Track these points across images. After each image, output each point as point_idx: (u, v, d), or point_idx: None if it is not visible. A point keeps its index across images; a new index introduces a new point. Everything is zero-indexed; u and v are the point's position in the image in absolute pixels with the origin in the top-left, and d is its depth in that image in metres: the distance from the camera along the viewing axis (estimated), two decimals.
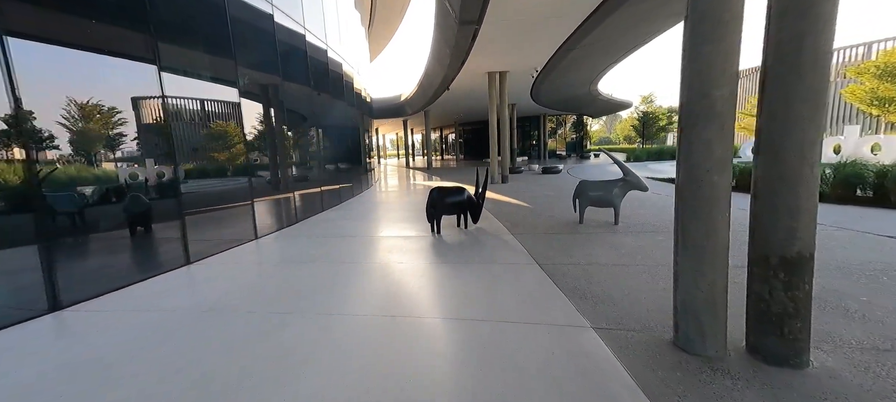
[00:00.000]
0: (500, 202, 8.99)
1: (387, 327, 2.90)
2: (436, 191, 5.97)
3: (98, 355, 2.67)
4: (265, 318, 3.16)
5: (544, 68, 13.21)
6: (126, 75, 4.32)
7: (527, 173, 17.83)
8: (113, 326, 3.15)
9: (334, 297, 3.58)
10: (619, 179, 6.02)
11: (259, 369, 2.39)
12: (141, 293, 3.86)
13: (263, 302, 3.53)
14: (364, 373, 2.31)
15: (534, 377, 2.21)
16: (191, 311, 3.38)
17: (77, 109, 3.94)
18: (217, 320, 3.17)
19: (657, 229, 5.59)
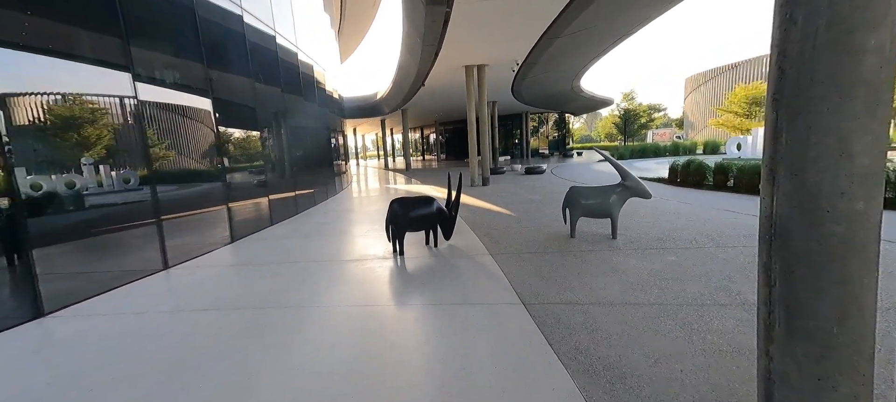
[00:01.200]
0: (480, 210, 7.93)
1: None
2: (397, 203, 4.84)
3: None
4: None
5: (525, 61, 12.24)
6: None
7: (509, 174, 16.89)
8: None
9: (228, 375, 2.41)
10: (617, 184, 5.03)
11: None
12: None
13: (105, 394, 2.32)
14: None
15: None
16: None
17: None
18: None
19: (665, 246, 4.62)
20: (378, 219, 7.43)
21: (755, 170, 8.13)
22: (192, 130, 5.52)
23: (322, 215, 8.35)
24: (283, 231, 6.76)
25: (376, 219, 7.42)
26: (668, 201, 7.52)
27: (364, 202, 10.59)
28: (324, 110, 12.94)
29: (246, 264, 4.88)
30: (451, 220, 5.24)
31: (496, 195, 10.00)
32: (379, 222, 7.12)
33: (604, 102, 31.70)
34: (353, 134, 41.90)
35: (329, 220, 7.78)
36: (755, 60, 39.34)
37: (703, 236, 4.90)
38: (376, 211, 8.53)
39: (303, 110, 10.50)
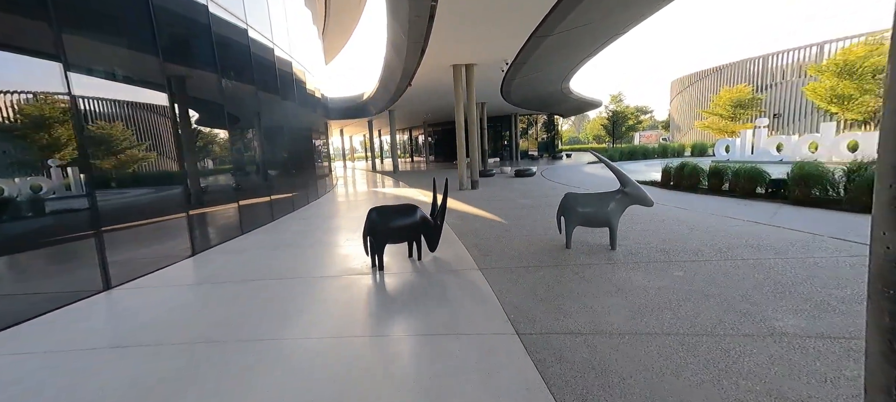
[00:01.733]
0: (468, 216, 7.48)
1: None
2: (376, 212, 4.35)
3: None
4: None
5: (515, 61, 11.87)
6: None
7: (499, 177, 16.51)
8: None
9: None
10: (616, 190, 4.64)
11: None
12: None
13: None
14: None
15: None
16: None
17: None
18: None
19: (669, 258, 4.23)
20: (360, 227, 6.91)
21: (751, 173, 7.88)
22: (146, 128, 4.93)
23: (300, 222, 7.79)
24: (253, 242, 6.18)
25: (358, 227, 6.90)
26: (664, 207, 7.19)
27: (347, 207, 10.05)
28: (304, 110, 12.35)
29: (203, 282, 4.32)
30: (436, 230, 4.78)
31: (485, 200, 9.58)
32: (360, 229, 6.61)
33: (592, 103, 31.69)
34: (340, 135, 41.10)
35: (306, 228, 7.23)
36: (739, 63, 39.97)
37: (708, 247, 4.54)
38: (359, 217, 8.00)
39: (280, 110, 9.91)
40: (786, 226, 5.29)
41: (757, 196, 7.69)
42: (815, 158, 13.77)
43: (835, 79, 22.08)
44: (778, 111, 35.58)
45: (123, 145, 4.58)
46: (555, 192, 10.39)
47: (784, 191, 7.12)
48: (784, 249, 4.28)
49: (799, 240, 4.58)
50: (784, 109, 35.79)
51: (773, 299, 3.03)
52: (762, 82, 37.76)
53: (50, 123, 3.76)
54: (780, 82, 36.56)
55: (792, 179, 6.94)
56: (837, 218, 5.60)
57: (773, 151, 15.62)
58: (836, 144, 13.33)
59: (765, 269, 3.69)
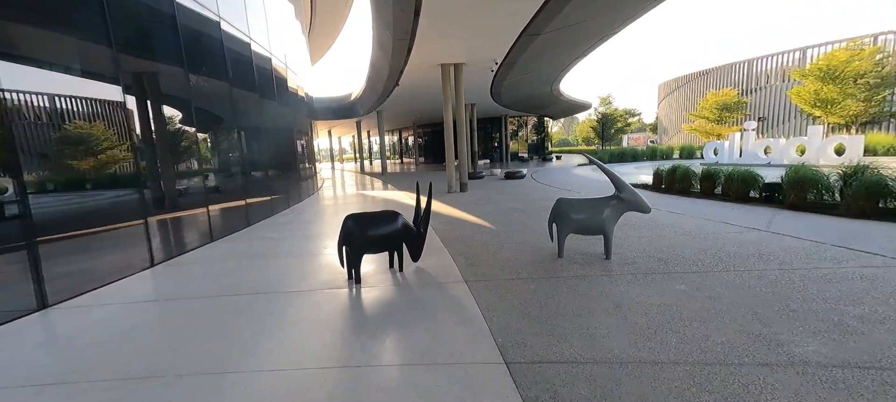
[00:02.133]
0: (456, 221, 7.13)
1: None
2: (352, 220, 3.98)
3: None
4: None
5: (505, 61, 11.60)
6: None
7: (488, 179, 16.23)
8: None
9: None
10: (611, 196, 4.35)
11: None
12: None
13: None
14: None
15: None
16: None
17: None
18: None
19: (668, 269, 3.95)
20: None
21: (744, 177, 7.72)
22: (99, 126, 4.47)
23: (277, 228, 7.34)
24: (221, 251, 5.73)
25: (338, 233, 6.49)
26: (658, 211, 6.96)
27: (330, 211, 9.61)
28: (286, 109, 11.88)
29: (158, 299, 3.88)
30: (419, 238, 4.42)
31: (474, 203, 9.25)
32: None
33: (582, 106, 31.73)
34: (329, 136, 40.43)
35: (283, 234, 6.80)
36: (725, 67, 40.62)
37: (708, 256, 4.27)
38: (340, 223, 7.59)
39: (258, 108, 9.43)
40: (785, 233, 5.07)
41: (750, 200, 7.52)
42: (802, 161, 13.83)
43: (818, 83, 22.43)
44: (762, 115, 36.20)
45: (65, 144, 4.11)
46: (546, 195, 10.13)
47: (779, 195, 6.95)
48: (788, 259, 4.03)
49: (801, 249, 4.35)
50: (768, 113, 36.45)
51: (786, 318, 2.76)
52: (747, 86, 38.41)
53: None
54: (765, 86, 37.25)
55: (787, 184, 6.77)
56: (836, 225, 5.41)
57: (760, 154, 15.67)
58: (824, 147, 13.39)
59: (771, 282, 3.43)
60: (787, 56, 35.22)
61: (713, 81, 41.33)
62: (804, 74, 23.48)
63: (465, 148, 12.32)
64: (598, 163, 4.61)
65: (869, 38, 28.82)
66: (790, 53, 35.11)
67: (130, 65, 4.90)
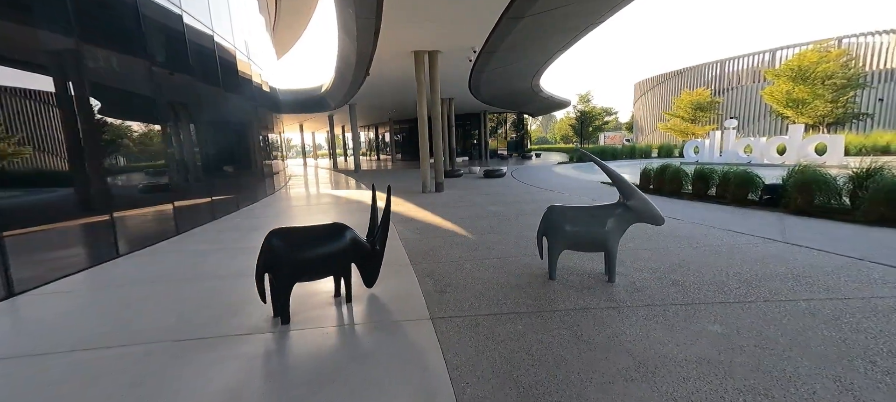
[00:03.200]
0: (428, 228, 6.15)
1: None
2: (278, 237, 2.91)
3: None
4: None
5: (483, 49, 10.68)
6: None
7: (467, 177, 15.33)
8: None
9: None
10: (615, 204, 3.47)
11: None
12: None
13: None
14: None
15: None
16: None
17: None
18: None
19: (689, 298, 3.11)
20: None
21: (742, 178, 7.10)
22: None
23: (211, 238, 6.14)
24: (118, 273, 4.51)
25: None
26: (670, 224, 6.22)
27: (284, 216, 8.42)
28: (240, 100, 10.56)
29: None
30: (373, 257, 3.41)
31: (450, 205, 8.29)
32: None
33: (561, 103, 31.36)
34: (300, 131, 38.55)
35: (216, 245, 5.62)
36: (698, 67, 41.40)
37: (732, 278, 3.48)
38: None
39: (211, 100, 8.18)
40: (808, 245, 4.37)
41: (749, 203, 6.91)
42: (782, 160, 13.66)
43: (790, 83, 22.78)
44: (734, 114, 37.03)
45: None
46: (528, 196, 9.30)
47: (783, 199, 6.34)
48: (832, 283, 3.28)
49: (839, 268, 3.62)
50: (740, 113, 37.33)
51: (884, 386, 1.93)
52: (720, 86, 39.23)
53: None
54: (737, 87, 38.12)
55: (792, 186, 6.15)
56: (859, 234, 4.77)
57: (741, 153, 15.48)
58: (804, 146, 13.22)
59: (830, 321, 2.63)
60: (758, 57, 36.16)
61: (687, 81, 42.05)
62: (777, 74, 23.88)
63: (440, 144, 11.35)
64: (602, 164, 3.70)
65: (834, 40, 29.78)
66: (761, 54, 36.04)
67: (59, 47, 3.65)
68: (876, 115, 29.50)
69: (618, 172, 3.54)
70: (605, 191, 9.68)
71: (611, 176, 3.53)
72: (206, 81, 8.03)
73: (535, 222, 6.19)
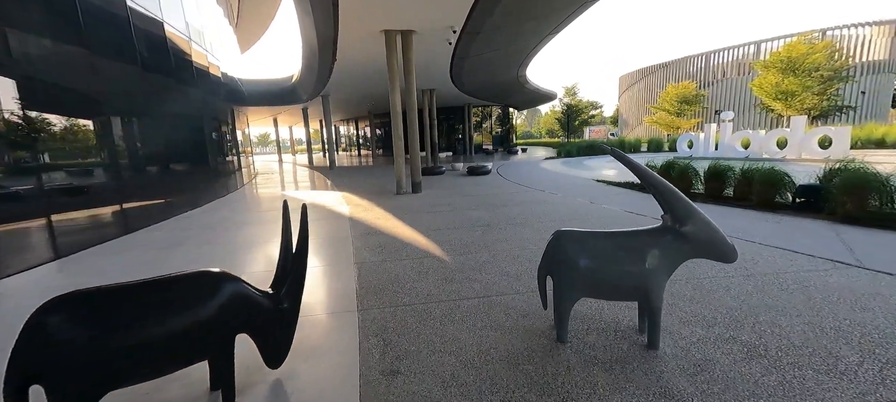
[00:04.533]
0: (394, 244, 4.84)
1: None
2: (65, 305, 1.56)
3: None
4: None
5: (465, 30, 9.36)
6: None
7: (448, 174, 14.03)
8: None
9: None
10: (660, 228, 2.24)
11: None
12: None
13: None
14: None
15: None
16: None
17: None
18: None
19: (789, 385, 1.91)
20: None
21: (769, 178, 6.02)
22: None
23: (106, 263, 4.68)
24: None
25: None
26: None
27: (235, 222, 6.94)
28: (198, 93, 9.09)
29: None
30: (278, 323, 2.10)
31: (426, 211, 6.99)
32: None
33: (548, 95, 30.30)
34: (275, 126, 36.48)
35: (107, 276, 4.18)
36: (683, 60, 41.06)
37: (832, 338, 2.31)
38: (230, 244, 5.05)
39: (151, 89, 6.68)
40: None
41: (777, 207, 5.85)
42: (783, 154, 12.88)
43: (779, 75, 22.28)
44: (719, 108, 36.84)
45: None
46: (516, 197, 8.08)
47: (826, 203, 5.25)
48: None
49: None
50: (725, 106, 37.14)
51: None
52: (705, 79, 38.97)
53: None
54: (722, 80, 37.92)
55: (840, 188, 5.08)
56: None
57: (738, 146, 14.68)
58: (807, 139, 12.43)
59: None
60: (743, 49, 35.97)
61: (672, 74, 41.72)
62: (766, 66, 23.40)
63: (416, 138, 10.01)
64: (631, 162, 2.41)
65: (818, 32, 29.63)
66: (746, 47, 35.87)
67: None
68: (858, 107, 29.56)
69: (661, 178, 2.28)
70: (605, 192, 8.55)
71: (650, 182, 2.26)
72: (156, 74, 6.57)
73: (526, 234, 4.94)
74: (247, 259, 4.60)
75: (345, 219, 6.66)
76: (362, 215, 6.94)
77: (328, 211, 7.51)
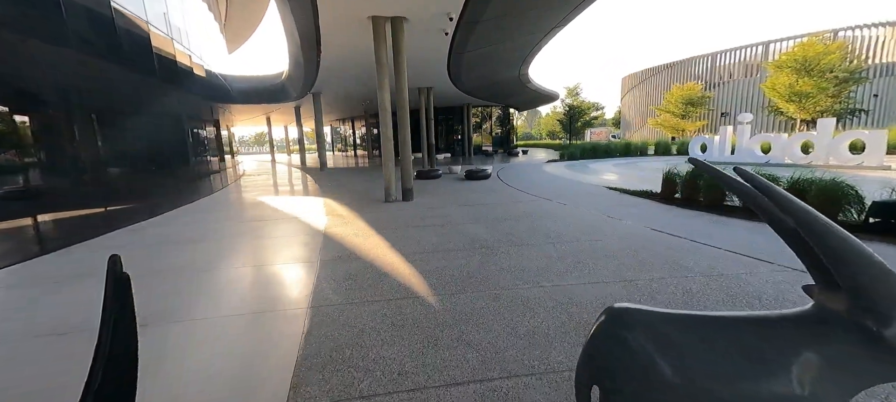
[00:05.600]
0: (366, 277, 3.78)
1: None
2: None
3: None
4: None
5: (462, 18, 8.32)
6: None
7: (445, 179, 12.97)
8: None
9: None
10: (817, 312, 1.17)
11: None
12: None
13: None
14: None
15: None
16: None
17: None
18: None
19: None
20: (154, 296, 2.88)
21: (831, 191, 4.98)
22: None
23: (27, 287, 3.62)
24: None
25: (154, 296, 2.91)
26: (734, 259, 4.06)
27: (179, 242, 5.87)
28: (161, 85, 8.09)
29: None
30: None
31: (414, 225, 5.94)
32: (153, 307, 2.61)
33: (550, 96, 29.28)
34: (268, 125, 35.43)
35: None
36: (688, 61, 40.03)
37: None
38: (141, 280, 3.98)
39: (94, 79, 5.65)
40: None
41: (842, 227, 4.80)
42: (808, 160, 11.85)
43: (794, 75, 21.28)
44: (725, 110, 35.84)
45: None
46: (520, 208, 7.03)
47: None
48: None
49: None
50: (731, 108, 36.14)
51: None
52: (710, 80, 37.97)
53: None
54: (728, 81, 36.91)
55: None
56: None
57: (757, 151, 13.64)
58: (836, 144, 11.40)
59: None
60: (750, 50, 35.00)
61: (677, 75, 40.71)
62: (779, 65, 22.38)
63: (409, 139, 8.96)
64: (749, 186, 1.34)
65: (829, 33, 28.67)
66: (753, 48, 34.90)
67: None
68: (870, 110, 28.61)
69: (812, 211, 1.20)
70: (619, 202, 7.51)
71: (792, 215, 1.18)
72: (120, 65, 5.56)
73: (536, 261, 3.88)
74: (154, 296, 3.53)
75: (318, 235, 5.61)
76: (340, 229, 5.89)
77: (300, 225, 6.46)
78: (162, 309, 3.19)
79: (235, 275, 4.07)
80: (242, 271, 4.17)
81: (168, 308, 3.23)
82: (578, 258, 4.07)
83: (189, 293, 3.59)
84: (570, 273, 3.66)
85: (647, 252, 4.21)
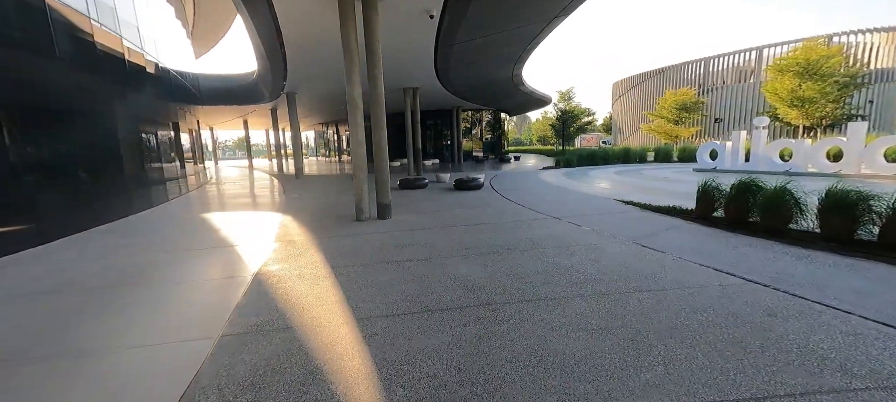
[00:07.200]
0: (292, 365, 2.18)
1: None
2: None
3: None
4: None
5: (448, 5, 6.82)
6: None
7: (432, 189, 11.39)
8: None
9: None
10: None
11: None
12: None
13: None
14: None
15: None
16: None
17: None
18: None
19: None
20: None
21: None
22: None
23: None
24: None
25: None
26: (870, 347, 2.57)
27: (70, 284, 4.15)
28: (131, 90, 6.36)
29: None
30: None
31: (384, 261, 4.34)
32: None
33: (543, 99, 28.08)
34: (245, 128, 33.44)
35: None
36: (681, 66, 39.48)
37: None
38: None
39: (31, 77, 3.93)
40: None
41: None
42: (836, 169, 10.68)
43: (797, 79, 20.42)
44: (719, 116, 35.23)
45: None
46: (525, 232, 5.48)
47: None
48: None
49: None
50: (725, 114, 35.55)
51: None
52: (704, 86, 37.41)
53: None
54: (721, 87, 36.37)
55: None
56: None
57: (775, 158, 12.44)
58: (870, 152, 10.21)
59: None
60: (743, 55, 34.54)
61: (669, 80, 40.13)
62: (781, 69, 21.56)
63: (385, 144, 7.37)
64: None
65: (823, 38, 28.20)
66: (746, 53, 34.44)
67: None
68: (868, 117, 28.21)
69: None
70: (644, 222, 6.05)
71: None
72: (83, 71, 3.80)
73: (562, 341, 2.25)
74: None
75: (247, 277, 3.98)
76: (283, 267, 4.27)
77: (232, 258, 4.81)
78: None
79: (56, 371, 2.42)
80: (69, 367, 2.52)
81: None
82: (634, 333, 2.54)
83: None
84: (630, 368, 2.12)
85: (741, 323, 2.70)
